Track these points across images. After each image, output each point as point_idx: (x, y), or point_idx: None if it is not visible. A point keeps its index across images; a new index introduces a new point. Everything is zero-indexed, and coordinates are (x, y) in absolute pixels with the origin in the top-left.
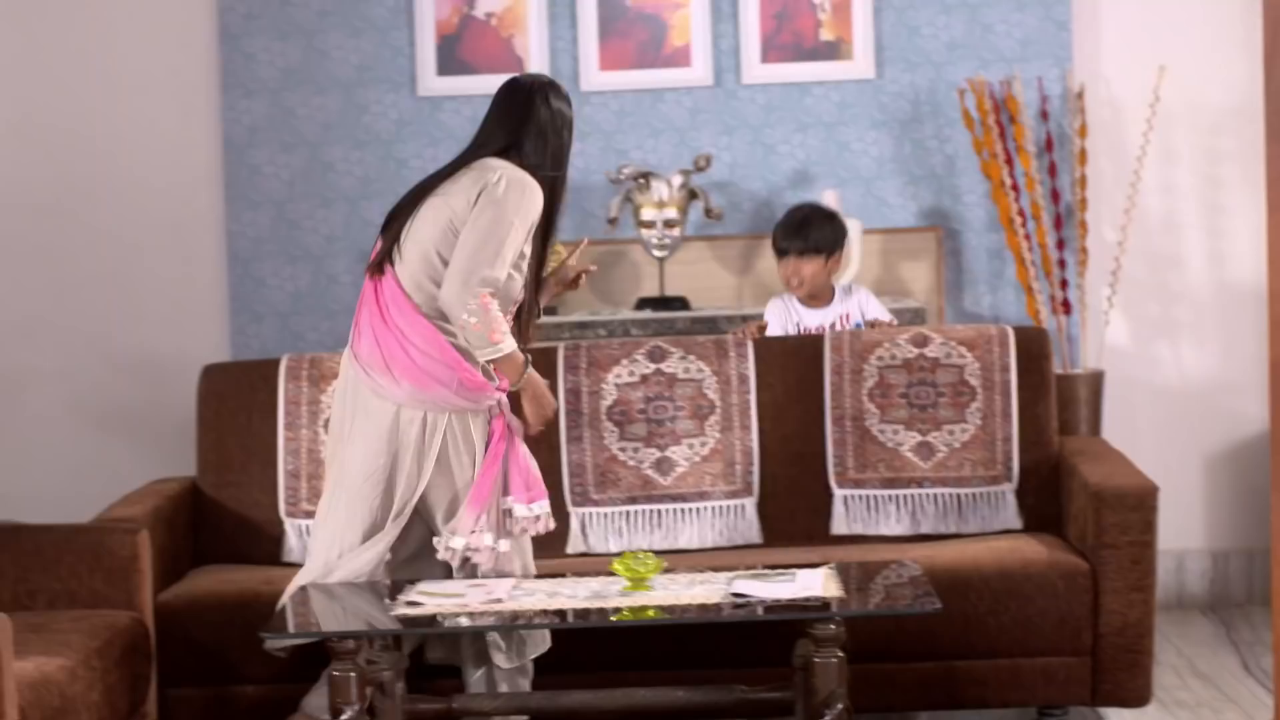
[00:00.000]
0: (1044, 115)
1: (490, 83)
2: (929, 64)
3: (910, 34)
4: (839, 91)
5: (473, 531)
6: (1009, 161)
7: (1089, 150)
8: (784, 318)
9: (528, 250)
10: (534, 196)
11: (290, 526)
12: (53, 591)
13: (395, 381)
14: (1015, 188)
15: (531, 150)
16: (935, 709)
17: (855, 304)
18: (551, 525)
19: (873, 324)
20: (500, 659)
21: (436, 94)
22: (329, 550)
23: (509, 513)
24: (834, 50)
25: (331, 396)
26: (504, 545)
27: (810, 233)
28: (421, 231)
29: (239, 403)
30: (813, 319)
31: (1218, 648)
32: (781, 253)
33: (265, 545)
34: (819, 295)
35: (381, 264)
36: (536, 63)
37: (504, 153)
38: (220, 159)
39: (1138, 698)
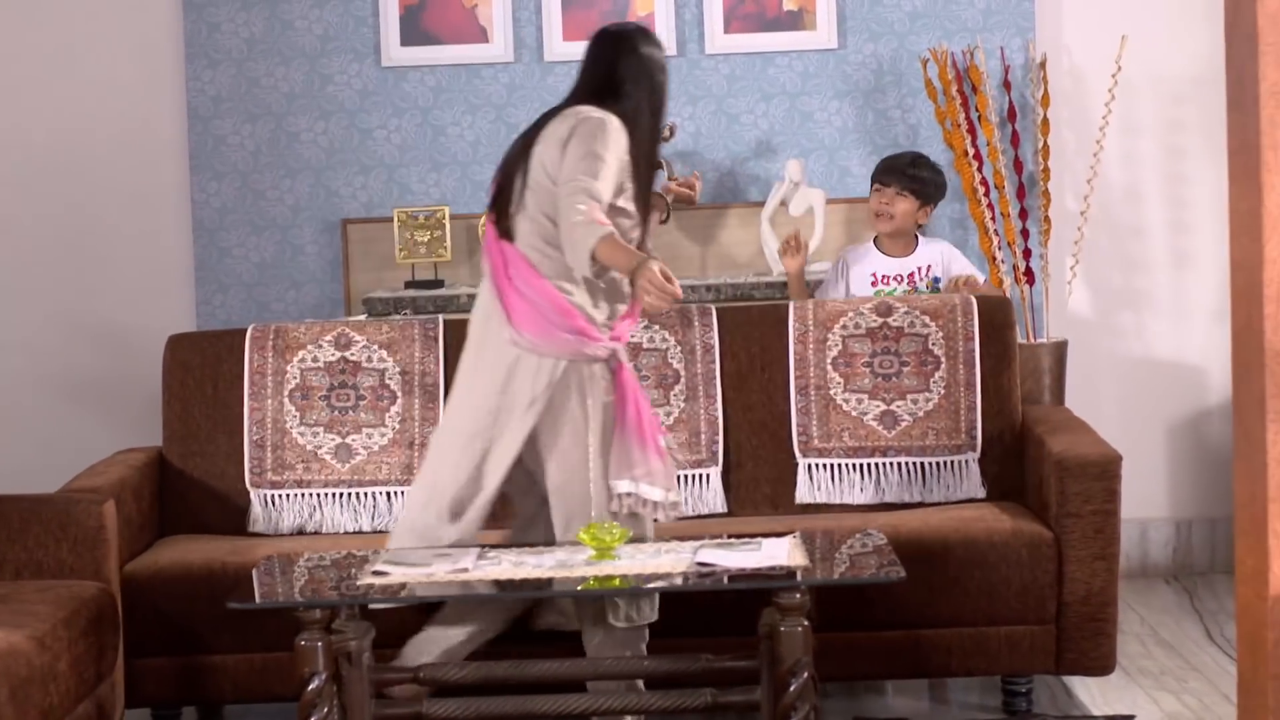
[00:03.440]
0: (1006, 85)
1: (453, 53)
2: (891, 34)
3: (873, 4)
4: (802, 61)
5: (634, 479)
6: (972, 131)
7: (1051, 120)
8: (852, 269)
9: (630, 186)
10: (617, 132)
11: (255, 496)
12: (19, 562)
13: (517, 331)
14: (978, 157)
15: (629, 95)
16: (900, 678)
17: (937, 254)
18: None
19: (959, 282)
20: (615, 619)
21: (400, 64)
22: (424, 511)
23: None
24: (797, 20)
25: (297, 366)
26: (673, 496)
27: (916, 173)
28: (528, 201)
29: (204, 373)
30: (891, 267)
31: (1181, 616)
32: (881, 184)
33: (231, 515)
34: (900, 244)
35: (505, 231)
36: (500, 33)
37: (596, 100)
38: (185, 129)
39: (1102, 666)
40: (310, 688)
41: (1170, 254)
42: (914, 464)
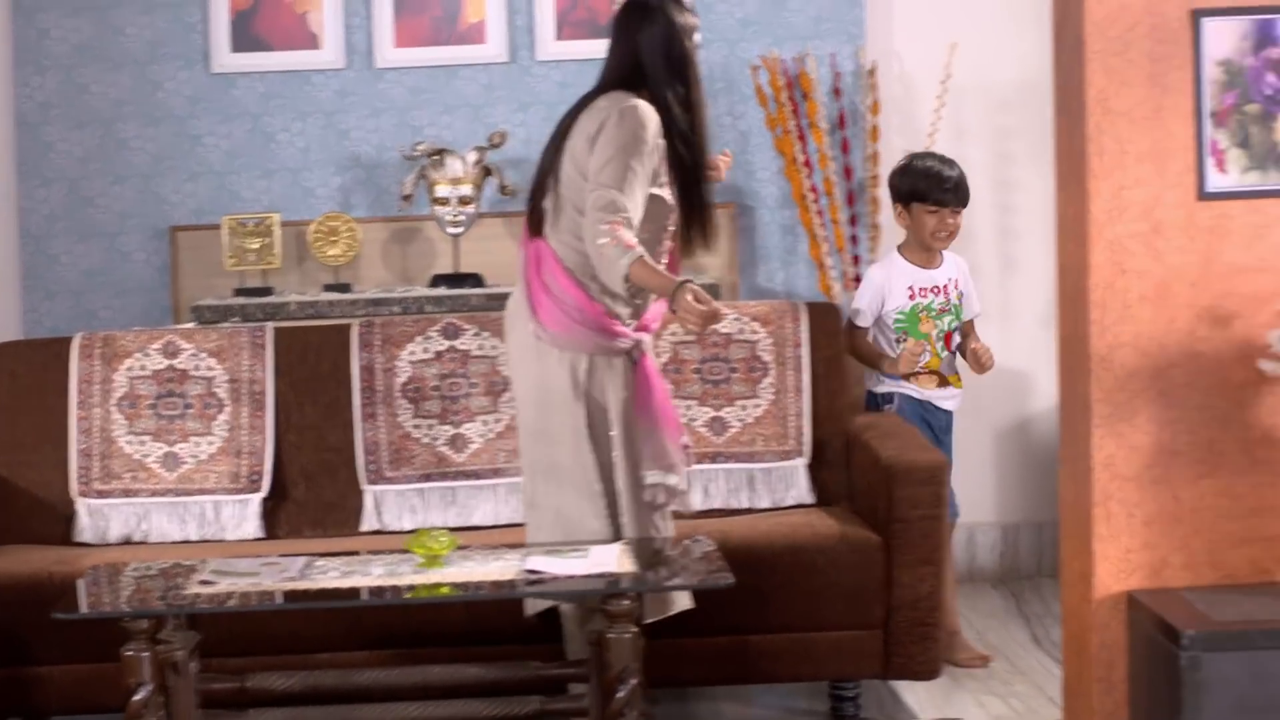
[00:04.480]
0: (837, 92)
1: (284, 59)
2: (722, 41)
3: (704, 10)
4: None
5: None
6: (802, 138)
7: (881, 127)
8: (887, 283)
9: (665, 172)
10: (643, 118)
11: (82, 506)
12: None
13: (541, 327)
14: (808, 164)
15: (651, 70)
16: (729, 683)
17: (960, 271)
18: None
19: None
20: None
21: (230, 70)
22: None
23: (685, 446)
24: None
25: (125, 374)
26: (683, 483)
27: (964, 187)
28: (562, 195)
29: (31, 381)
30: (925, 279)
31: (1008, 620)
32: (938, 204)
33: (58, 525)
34: (926, 254)
35: (535, 227)
36: (331, 39)
37: (623, 83)
38: (13, 135)
39: (929, 670)
40: (136, 698)
41: (998, 259)
42: (742, 470)
